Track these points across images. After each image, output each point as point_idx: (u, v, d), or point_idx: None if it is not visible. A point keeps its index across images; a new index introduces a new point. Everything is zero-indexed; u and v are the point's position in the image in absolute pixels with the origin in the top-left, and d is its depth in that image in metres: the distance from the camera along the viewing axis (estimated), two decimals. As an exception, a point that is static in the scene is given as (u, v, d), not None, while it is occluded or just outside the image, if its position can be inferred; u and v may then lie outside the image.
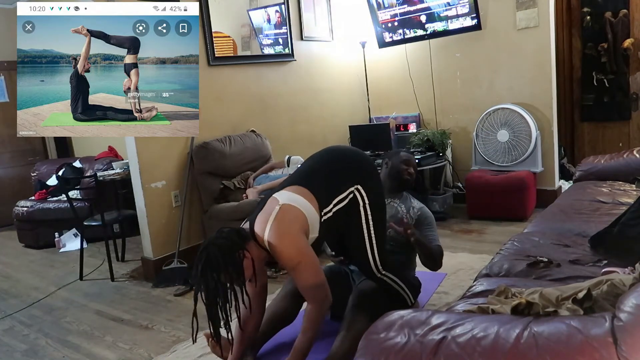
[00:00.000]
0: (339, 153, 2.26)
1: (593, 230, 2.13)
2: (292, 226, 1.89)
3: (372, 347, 1.15)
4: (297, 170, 2.27)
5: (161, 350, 2.50)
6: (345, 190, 2.06)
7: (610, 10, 4.49)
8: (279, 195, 2.00)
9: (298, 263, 1.87)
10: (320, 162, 2.20)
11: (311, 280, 1.90)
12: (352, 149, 2.37)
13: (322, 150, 2.30)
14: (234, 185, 3.67)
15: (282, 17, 4.40)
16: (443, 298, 2.68)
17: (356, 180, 2.09)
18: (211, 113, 3.75)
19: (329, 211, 2.02)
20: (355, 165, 2.18)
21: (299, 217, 1.92)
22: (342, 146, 2.49)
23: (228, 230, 1.89)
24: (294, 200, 1.95)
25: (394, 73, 4.95)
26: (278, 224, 1.87)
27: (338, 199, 2.04)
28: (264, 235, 1.87)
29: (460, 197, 4.53)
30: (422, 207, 2.60)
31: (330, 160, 2.20)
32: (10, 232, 5.37)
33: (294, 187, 2.03)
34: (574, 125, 4.92)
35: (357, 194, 2.08)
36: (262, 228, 1.89)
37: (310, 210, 1.96)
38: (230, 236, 1.85)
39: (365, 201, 2.08)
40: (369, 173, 2.20)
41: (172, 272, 3.41)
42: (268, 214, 1.91)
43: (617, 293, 1.22)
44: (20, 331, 2.92)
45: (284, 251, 1.86)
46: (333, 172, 2.13)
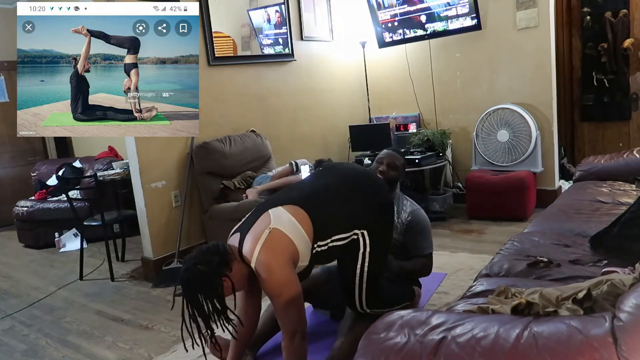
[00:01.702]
0: (358, 183, 2.06)
1: (593, 230, 2.13)
2: (280, 257, 1.78)
3: (372, 347, 1.15)
4: (305, 183, 2.10)
5: (161, 350, 2.50)
6: (349, 231, 1.93)
7: (610, 10, 4.49)
8: (274, 214, 1.85)
9: (278, 295, 1.78)
10: (333, 188, 2.01)
11: (289, 313, 1.81)
12: (374, 179, 2.18)
13: (341, 170, 2.12)
14: (234, 185, 3.67)
15: (282, 17, 4.40)
16: (443, 298, 2.68)
17: (364, 224, 1.94)
18: (211, 113, 3.75)
19: (323, 245, 1.89)
20: (369, 205, 2.00)
21: (288, 247, 1.80)
22: (364, 173, 2.20)
23: (210, 252, 1.80)
24: (288, 227, 1.81)
25: (394, 73, 4.95)
26: (266, 252, 1.77)
27: (337, 237, 1.91)
28: (251, 259, 1.79)
29: (460, 197, 4.53)
30: (415, 210, 2.50)
31: (346, 189, 2.01)
32: (10, 232, 5.37)
33: (294, 207, 1.87)
34: (574, 125, 4.92)
35: (361, 238, 1.94)
36: (250, 251, 1.80)
37: (303, 240, 1.83)
38: (212, 261, 1.76)
39: (366, 248, 1.95)
40: (382, 218, 2.04)
41: (172, 272, 3.40)
42: (257, 236, 1.80)
43: (617, 293, 1.22)
44: (20, 331, 2.92)
45: (267, 280, 1.78)
46: (343, 206, 1.95)
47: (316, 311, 2.62)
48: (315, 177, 2.13)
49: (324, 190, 2.00)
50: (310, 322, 2.48)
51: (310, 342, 2.11)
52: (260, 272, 1.78)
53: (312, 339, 2.23)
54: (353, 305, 2.08)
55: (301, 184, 2.13)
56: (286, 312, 1.81)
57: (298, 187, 2.08)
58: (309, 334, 2.14)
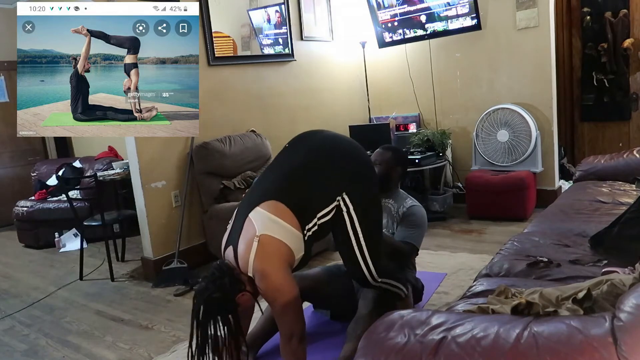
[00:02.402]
0: (326, 151, 2.00)
1: (593, 230, 2.13)
2: (275, 263, 1.79)
3: (372, 347, 1.15)
4: (274, 170, 2.01)
5: (161, 350, 2.50)
6: (331, 202, 1.89)
7: (610, 10, 4.49)
8: (255, 217, 1.82)
9: (274, 299, 1.80)
10: (301, 165, 1.95)
11: (286, 316, 1.83)
12: (340, 140, 2.07)
13: (305, 143, 2.05)
14: (234, 185, 3.67)
15: (282, 17, 4.40)
16: (443, 298, 2.68)
17: (341, 189, 1.90)
18: (211, 113, 3.75)
19: (312, 226, 1.87)
20: (341, 168, 1.95)
21: (281, 251, 1.80)
22: (326, 136, 2.09)
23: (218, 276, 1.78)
24: (273, 229, 1.79)
25: (394, 73, 4.95)
26: (259, 260, 1.77)
27: (322, 212, 1.88)
28: (248, 269, 1.80)
29: (460, 197, 4.53)
30: (413, 206, 2.50)
31: (316, 163, 1.96)
32: (10, 232, 5.37)
33: (271, 203, 1.83)
34: (574, 125, 4.92)
35: (342, 203, 1.90)
36: (245, 261, 1.80)
37: (292, 235, 1.81)
38: (224, 285, 1.76)
39: (349, 209, 1.90)
40: (359, 174, 1.98)
41: (172, 272, 3.40)
42: (248, 247, 1.79)
43: (617, 293, 1.22)
44: (20, 331, 2.92)
45: (263, 286, 1.80)
46: (317, 182, 1.91)
47: (316, 311, 2.62)
48: (281, 158, 2.06)
49: (294, 171, 1.94)
50: (311, 322, 2.49)
51: (311, 342, 2.12)
52: (256, 279, 1.80)
53: (312, 339, 2.23)
54: (365, 279, 2.04)
55: (270, 171, 2.04)
56: (283, 315, 1.83)
57: (268, 177, 2.00)
58: (310, 334, 2.15)
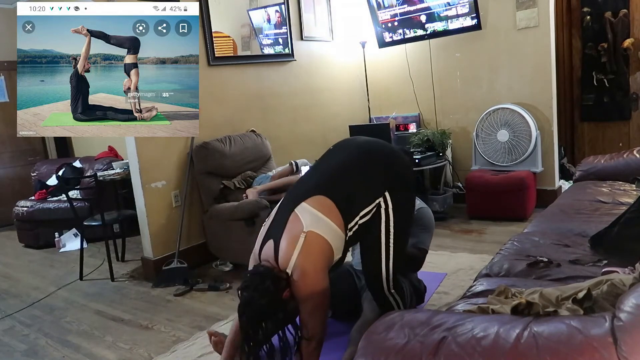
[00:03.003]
0: (370, 152, 2.00)
1: (593, 230, 2.13)
2: (317, 262, 1.77)
3: (372, 347, 1.15)
4: (320, 168, 2.02)
5: (161, 350, 2.50)
6: (373, 201, 1.87)
7: (610, 10, 4.49)
8: (302, 212, 1.80)
9: (307, 299, 1.77)
10: (348, 163, 1.96)
11: (313, 319, 1.80)
12: (383, 144, 2.08)
13: (349, 144, 2.06)
14: (234, 185, 3.67)
15: (282, 17, 4.40)
16: (443, 298, 2.68)
17: (385, 186, 1.89)
18: (211, 113, 3.75)
19: (353, 225, 1.86)
20: (388, 169, 1.96)
21: (325, 250, 1.78)
22: (371, 141, 2.10)
23: (259, 280, 1.74)
24: (320, 226, 1.77)
25: (394, 73, 4.95)
26: (303, 257, 1.74)
27: (363, 212, 1.87)
28: (288, 265, 1.76)
29: (460, 197, 4.53)
30: (422, 207, 2.51)
31: (360, 162, 1.96)
32: (10, 232, 5.37)
33: (317, 198, 1.82)
34: (574, 125, 4.92)
35: (383, 203, 1.88)
36: (287, 257, 1.76)
37: (336, 234, 1.80)
38: (267, 288, 1.73)
39: (389, 212, 1.89)
40: (401, 177, 1.97)
41: (172, 272, 3.40)
42: (293, 242, 1.76)
43: (617, 293, 1.22)
44: (20, 331, 2.92)
45: (299, 284, 1.76)
46: (362, 180, 1.91)
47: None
48: (326, 158, 2.07)
49: (340, 168, 1.95)
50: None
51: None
52: (294, 276, 1.76)
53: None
54: (379, 284, 2.00)
55: (317, 167, 2.05)
56: (311, 316, 1.80)
57: (315, 173, 2.02)
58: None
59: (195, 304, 3.04)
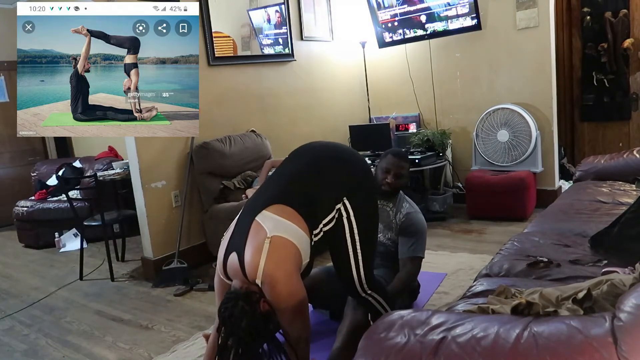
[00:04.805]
0: (325, 158, 2.00)
1: (593, 230, 2.13)
2: (287, 267, 1.70)
3: (372, 347, 1.15)
4: (276, 178, 1.99)
5: (161, 350, 2.50)
6: (334, 208, 1.86)
7: (610, 10, 4.49)
8: (263, 220, 1.75)
9: (285, 306, 1.70)
10: (305, 171, 1.95)
11: (295, 322, 1.75)
12: (340, 148, 2.09)
13: (306, 151, 2.05)
14: (234, 185, 3.67)
15: (282, 17, 4.40)
16: (443, 298, 2.68)
17: (343, 194, 1.88)
18: (211, 113, 3.75)
19: (318, 232, 1.83)
20: (345, 174, 1.95)
21: (292, 252, 1.72)
22: (326, 145, 2.14)
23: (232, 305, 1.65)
24: (284, 230, 1.72)
25: (394, 73, 4.95)
26: (271, 263, 1.67)
27: (326, 219, 1.85)
28: (257, 274, 1.67)
29: (460, 197, 4.53)
30: (411, 212, 2.47)
31: (316, 168, 1.94)
32: (10, 232, 5.37)
33: (278, 207, 1.78)
34: (574, 125, 4.92)
35: (342, 208, 1.87)
36: (254, 266, 1.68)
37: (302, 238, 1.75)
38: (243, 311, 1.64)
39: (351, 219, 1.87)
40: (359, 182, 1.97)
41: (172, 272, 3.41)
42: (258, 249, 1.69)
43: (617, 293, 1.22)
44: (20, 331, 2.92)
45: (273, 292, 1.68)
46: (319, 186, 1.89)
47: (316, 311, 2.62)
48: (283, 168, 2.05)
49: (297, 176, 1.93)
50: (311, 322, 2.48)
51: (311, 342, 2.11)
52: (265, 285, 1.69)
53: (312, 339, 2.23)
54: (354, 289, 1.99)
55: (274, 177, 2.03)
56: (293, 322, 1.75)
57: (273, 182, 1.98)
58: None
59: (195, 304, 3.04)
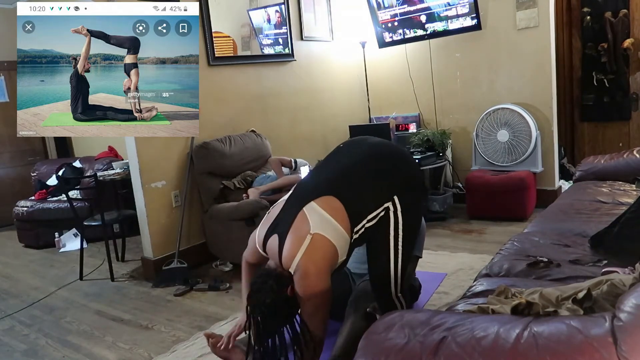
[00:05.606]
0: (381, 155, 1.99)
1: (593, 230, 2.13)
2: (321, 265, 1.76)
3: (372, 347, 1.15)
4: (329, 167, 1.98)
5: (161, 350, 2.50)
6: (381, 205, 1.85)
7: (610, 10, 4.49)
8: (310, 213, 1.79)
9: (308, 299, 1.77)
10: (360, 166, 1.94)
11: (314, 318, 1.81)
12: (394, 147, 2.09)
13: (361, 145, 2.04)
14: (234, 185, 3.67)
15: (282, 17, 4.40)
16: (443, 298, 2.68)
17: (395, 191, 1.87)
18: (211, 113, 3.75)
19: (360, 228, 1.84)
20: (398, 174, 1.94)
21: (330, 252, 1.77)
22: (382, 143, 2.09)
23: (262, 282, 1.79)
24: (327, 229, 1.77)
25: (394, 73, 4.95)
26: (307, 259, 1.74)
27: (371, 216, 1.85)
28: (291, 264, 1.76)
29: (460, 197, 4.53)
30: None
31: (371, 164, 1.94)
32: (10, 232, 5.37)
33: (326, 199, 1.81)
34: (574, 125, 4.92)
35: (391, 206, 1.86)
36: (291, 256, 1.76)
37: (341, 238, 1.79)
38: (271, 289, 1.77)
39: (398, 214, 1.86)
40: (411, 182, 1.97)
41: (172, 272, 3.41)
42: (299, 242, 1.76)
43: (617, 293, 1.22)
44: (20, 331, 2.92)
45: (301, 284, 1.76)
46: (372, 183, 1.90)
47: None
48: (335, 156, 2.05)
49: (352, 169, 1.93)
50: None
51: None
52: (296, 275, 1.77)
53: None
54: (387, 288, 1.95)
55: (327, 164, 2.01)
56: (311, 317, 1.81)
57: (325, 170, 1.99)
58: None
59: (195, 304, 3.04)
